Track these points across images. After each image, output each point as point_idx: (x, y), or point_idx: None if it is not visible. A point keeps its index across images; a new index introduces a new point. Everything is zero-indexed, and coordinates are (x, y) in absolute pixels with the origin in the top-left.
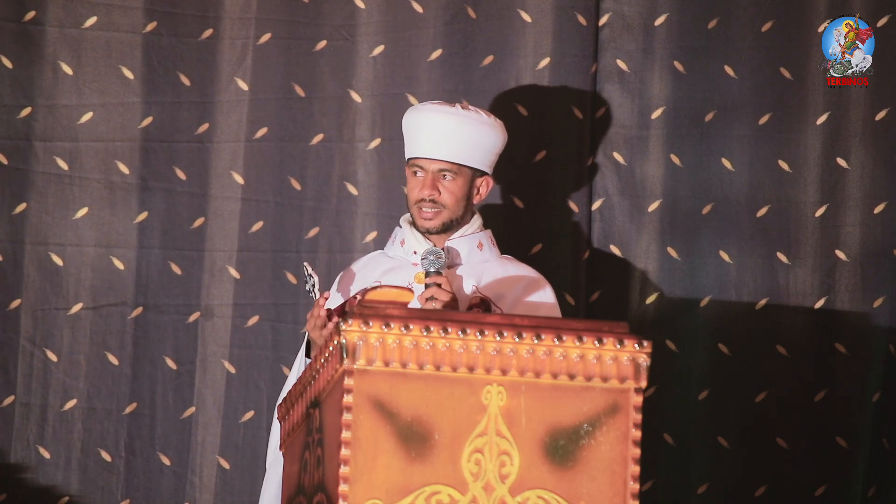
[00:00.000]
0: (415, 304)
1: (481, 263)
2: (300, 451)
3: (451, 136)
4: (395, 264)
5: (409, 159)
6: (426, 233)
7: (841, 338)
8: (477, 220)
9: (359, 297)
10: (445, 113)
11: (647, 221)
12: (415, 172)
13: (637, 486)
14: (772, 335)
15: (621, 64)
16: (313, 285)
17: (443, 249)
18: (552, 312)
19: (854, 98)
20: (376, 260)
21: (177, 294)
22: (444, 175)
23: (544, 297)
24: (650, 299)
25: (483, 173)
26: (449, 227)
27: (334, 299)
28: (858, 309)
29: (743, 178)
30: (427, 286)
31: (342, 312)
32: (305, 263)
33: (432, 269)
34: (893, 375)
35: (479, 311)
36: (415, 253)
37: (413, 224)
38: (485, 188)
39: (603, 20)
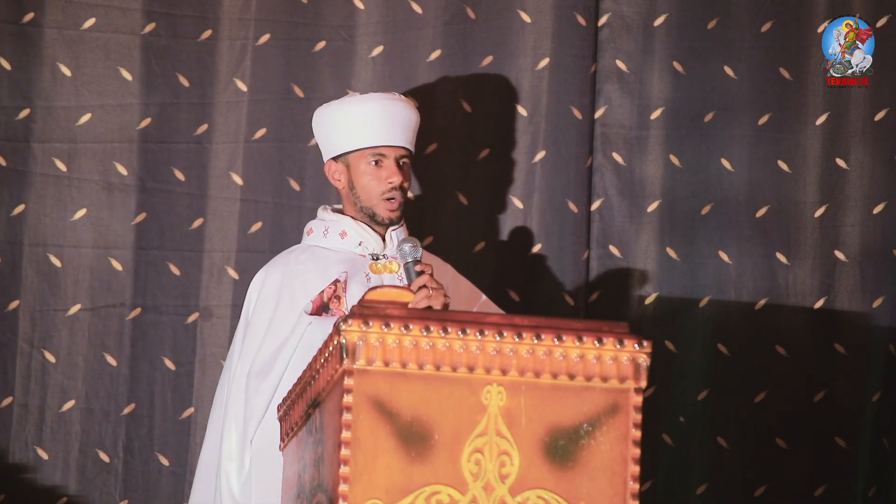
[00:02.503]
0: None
1: None
2: (300, 451)
3: (404, 122)
4: (343, 257)
5: (358, 150)
6: (379, 223)
7: (841, 338)
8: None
9: (332, 287)
10: (393, 100)
11: (646, 222)
12: (373, 162)
13: (637, 486)
14: (771, 335)
15: (620, 64)
16: (416, 259)
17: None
18: (477, 291)
19: (854, 98)
20: (314, 253)
21: (175, 295)
22: (403, 162)
23: (465, 283)
24: (649, 299)
25: None
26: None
27: (298, 297)
28: (858, 309)
29: (742, 178)
30: (416, 274)
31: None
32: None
33: (410, 259)
34: (893, 375)
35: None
36: (360, 244)
37: (354, 217)
38: None
39: (602, 20)
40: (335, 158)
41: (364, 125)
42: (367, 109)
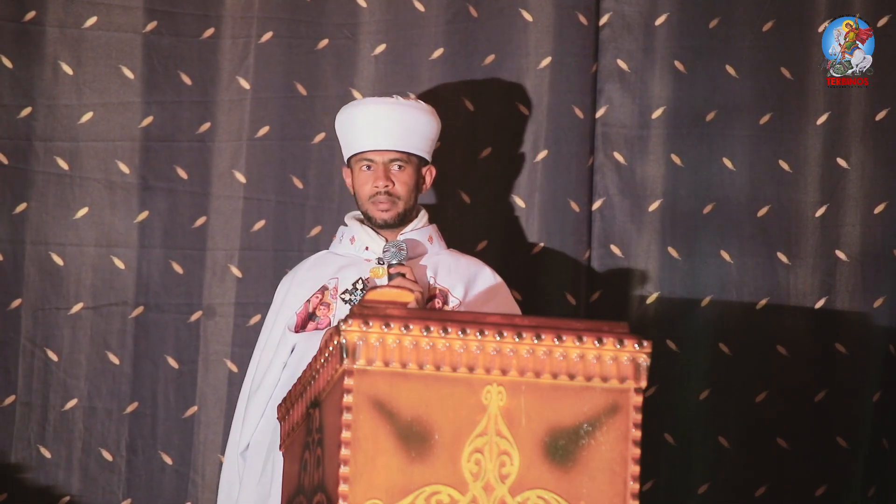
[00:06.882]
0: None
1: (434, 256)
2: (300, 451)
3: (396, 126)
4: (347, 262)
5: (354, 155)
6: (383, 226)
7: (841, 338)
8: (424, 215)
9: (318, 295)
10: (387, 104)
11: (647, 221)
12: (364, 167)
13: (637, 486)
14: (772, 335)
15: (622, 64)
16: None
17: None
18: (507, 295)
19: (854, 98)
20: (324, 259)
21: (178, 293)
22: (395, 165)
23: (495, 283)
24: (650, 299)
25: (426, 162)
26: (403, 220)
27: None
28: (858, 309)
29: (743, 178)
30: (391, 276)
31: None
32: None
33: (394, 261)
34: (893, 375)
35: (437, 302)
36: (367, 249)
37: (363, 221)
38: (429, 177)
39: (604, 20)
40: (346, 164)
41: (354, 131)
42: (357, 114)
